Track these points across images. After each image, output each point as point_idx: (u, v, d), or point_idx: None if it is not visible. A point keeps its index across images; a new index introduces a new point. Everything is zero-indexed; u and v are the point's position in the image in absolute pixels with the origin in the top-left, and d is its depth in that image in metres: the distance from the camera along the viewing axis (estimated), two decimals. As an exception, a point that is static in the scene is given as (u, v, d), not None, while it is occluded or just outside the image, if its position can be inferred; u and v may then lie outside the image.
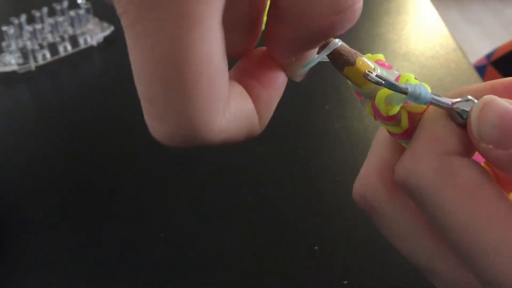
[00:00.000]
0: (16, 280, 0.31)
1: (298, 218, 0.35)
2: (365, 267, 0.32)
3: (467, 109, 0.17)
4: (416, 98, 0.18)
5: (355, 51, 0.19)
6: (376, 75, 0.18)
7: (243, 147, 0.41)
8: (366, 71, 0.18)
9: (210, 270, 0.32)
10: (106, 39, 0.55)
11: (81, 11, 0.53)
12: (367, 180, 0.22)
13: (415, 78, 0.19)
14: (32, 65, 0.50)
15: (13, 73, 0.49)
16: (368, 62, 0.18)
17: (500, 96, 0.17)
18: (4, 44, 0.49)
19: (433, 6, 0.64)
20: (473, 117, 0.17)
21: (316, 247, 0.33)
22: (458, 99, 0.18)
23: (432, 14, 0.63)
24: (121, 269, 0.32)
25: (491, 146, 0.17)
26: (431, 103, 0.18)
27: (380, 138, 0.22)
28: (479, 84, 0.19)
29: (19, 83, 0.49)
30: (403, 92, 0.17)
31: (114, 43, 0.55)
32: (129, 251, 0.33)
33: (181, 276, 0.31)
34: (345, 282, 0.31)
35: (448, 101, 0.18)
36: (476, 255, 0.16)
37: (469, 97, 0.18)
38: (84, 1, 0.53)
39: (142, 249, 0.33)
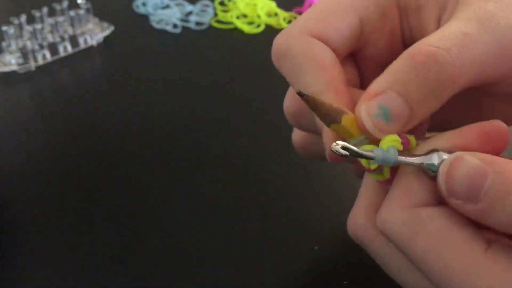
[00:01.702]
0: (16, 280, 0.31)
1: (298, 218, 0.35)
2: (365, 267, 0.32)
3: (436, 163, 0.19)
4: (383, 162, 0.19)
5: (342, 109, 0.21)
6: (342, 147, 0.19)
7: (243, 148, 0.42)
8: (333, 144, 0.19)
9: (210, 269, 0.32)
10: (106, 39, 0.55)
11: (81, 11, 0.53)
12: (357, 220, 0.23)
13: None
14: (32, 65, 0.50)
15: (13, 73, 0.49)
16: (347, 128, 0.20)
17: (472, 144, 0.18)
18: (4, 44, 0.50)
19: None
20: (441, 175, 0.18)
21: (316, 247, 0.33)
22: (427, 155, 0.19)
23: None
24: (121, 269, 0.32)
25: (460, 201, 0.18)
26: (399, 164, 0.19)
27: (368, 180, 0.24)
28: (451, 132, 0.20)
29: (19, 83, 0.49)
30: (370, 158, 0.19)
31: (114, 43, 0.56)
32: (129, 251, 0.33)
33: (181, 276, 0.31)
34: (345, 282, 0.31)
35: (417, 160, 0.19)
36: None
37: (437, 152, 0.19)
38: (84, 1, 0.53)
39: (142, 249, 0.33)
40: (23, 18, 0.51)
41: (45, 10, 0.52)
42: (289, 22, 0.60)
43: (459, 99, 0.21)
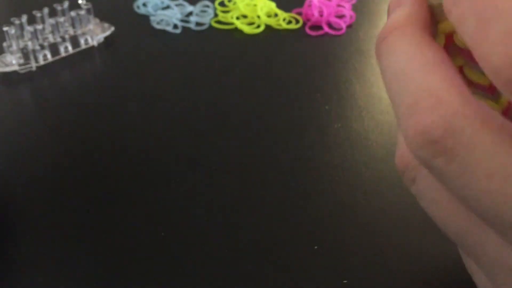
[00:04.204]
0: (16, 280, 0.31)
1: (298, 217, 0.35)
2: (365, 267, 0.32)
3: None
4: None
5: None
6: None
7: (243, 148, 0.42)
8: None
9: (210, 269, 0.32)
10: (106, 39, 0.55)
11: (82, 12, 0.53)
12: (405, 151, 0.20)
13: None
14: (33, 65, 0.50)
15: (14, 73, 0.50)
16: None
17: None
18: (5, 44, 0.50)
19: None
20: None
21: (316, 247, 0.33)
22: None
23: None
24: (121, 269, 0.32)
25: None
26: None
27: None
28: None
29: (20, 83, 0.49)
30: None
31: (114, 43, 0.56)
32: (129, 250, 0.33)
33: (181, 276, 0.32)
34: (345, 281, 0.31)
35: None
36: None
37: None
38: (84, 2, 0.54)
39: (142, 248, 0.33)
40: (24, 18, 0.51)
41: (46, 10, 0.52)
42: (289, 22, 0.60)
43: None
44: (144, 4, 0.63)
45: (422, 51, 0.17)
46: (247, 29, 0.59)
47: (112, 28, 0.56)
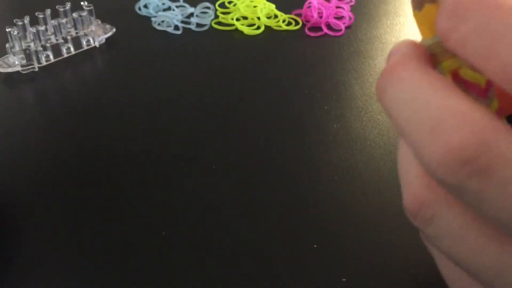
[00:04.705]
0: (16, 280, 0.32)
1: (297, 216, 0.36)
2: (364, 265, 0.33)
3: None
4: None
5: None
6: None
7: (243, 148, 0.42)
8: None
9: (211, 268, 0.32)
10: (108, 40, 0.56)
11: (84, 13, 0.53)
12: (416, 189, 0.18)
13: None
14: (36, 66, 0.50)
15: (16, 73, 0.50)
16: None
17: None
18: (8, 45, 0.50)
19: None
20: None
21: (315, 245, 0.34)
22: None
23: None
24: (121, 268, 0.32)
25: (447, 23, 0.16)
26: None
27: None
28: None
29: (22, 83, 0.49)
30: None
31: (116, 45, 0.56)
32: (129, 250, 0.33)
33: (182, 275, 0.32)
34: (344, 279, 0.32)
35: None
36: None
37: None
38: (86, 3, 0.54)
39: (143, 248, 0.33)
40: (27, 19, 0.51)
41: (48, 12, 0.53)
42: (289, 24, 0.61)
43: None
44: (145, 6, 0.63)
45: (432, 79, 0.16)
46: (247, 31, 0.59)
47: (114, 29, 0.56)
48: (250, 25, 0.60)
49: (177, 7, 0.62)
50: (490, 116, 0.14)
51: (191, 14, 0.61)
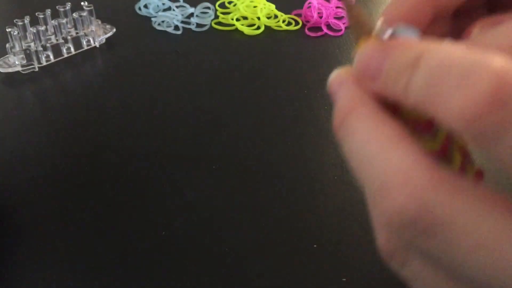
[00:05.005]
0: (16, 280, 0.32)
1: (297, 216, 0.36)
2: (364, 264, 0.33)
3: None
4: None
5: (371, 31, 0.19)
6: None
7: (243, 147, 0.42)
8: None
9: (211, 268, 0.32)
10: (108, 40, 0.56)
11: (84, 13, 0.53)
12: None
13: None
14: (36, 66, 0.50)
15: (17, 73, 0.50)
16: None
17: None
18: (8, 45, 0.50)
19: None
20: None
21: (315, 245, 0.34)
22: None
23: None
24: (122, 268, 0.32)
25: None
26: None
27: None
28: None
29: (22, 83, 0.50)
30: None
31: (116, 45, 0.56)
32: (130, 250, 0.33)
33: (182, 275, 0.32)
34: (344, 279, 0.32)
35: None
36: None
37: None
38: (86, 4, 0.54)
39: (143, 248, 0.33)
40: (27, 20, 0.51)
41: (48, 12, 0.53)
42: (289, 24, 0.61)
43: None
44: (145, 6, 0.63)
45: (380, 130, 0.16)
46: (247, 31, 0.59)
47: (114, 30, 0.56)
48: (250, 25, 0.60)
49: (177, 7, 0.62)
50: (433, 173, 0.15)
51: (191, 14, 0.61)
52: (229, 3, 0.64)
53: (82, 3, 0.54)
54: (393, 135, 0.16)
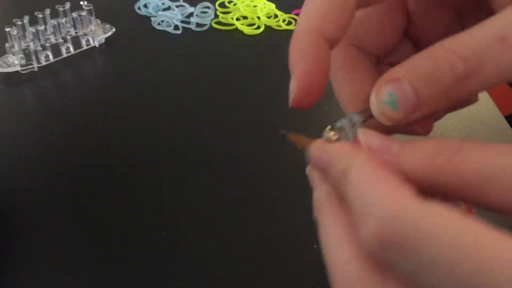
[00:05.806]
0: (16, 280, 0.32)
1: (297, 216, 0.36)
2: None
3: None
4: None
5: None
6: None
7: (244, 147, 0.42)
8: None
9: (211, 268, 0.32)
10: (108, 40, 0.56)
11: (83, 13, 0.53)
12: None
13: None
14: (35, 65, 0.50)
15: (16, 73, 0.50)
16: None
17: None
18: (7, 45, 0.50)
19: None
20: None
21: (315, 246, 0.34)
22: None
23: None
24: (122, 268, 0.32)
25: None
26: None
27: None
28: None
29: (22, 83, 0.49)
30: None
31: (115, 44, 0.56)
32: (130, 250, 0.33)
33: (182, 275, 0.32)
34: (344, 279, 0.32)
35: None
36: None
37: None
38: (86, 3, 0.54)
39: (143, 248, 0.33)
40: (26, 19, 0.51)
41: (47, 11, 0.53)
42: (289, 23, 0.61)
43: None
44: (145, 5, 0.63)
45: (333, 228, 0.19)
46: (247, 30, 0.59)
47: (113, 29, 0.56)
48: (250, 25, 0.60)
49: (177, 6, 0.62)
50: (362, 270, 0.17)
51: (191, 14, 0.61)
52: (229, 2, 0.64)
53: (81, 3, 0.54)
54: (343, 232, 0.19)
